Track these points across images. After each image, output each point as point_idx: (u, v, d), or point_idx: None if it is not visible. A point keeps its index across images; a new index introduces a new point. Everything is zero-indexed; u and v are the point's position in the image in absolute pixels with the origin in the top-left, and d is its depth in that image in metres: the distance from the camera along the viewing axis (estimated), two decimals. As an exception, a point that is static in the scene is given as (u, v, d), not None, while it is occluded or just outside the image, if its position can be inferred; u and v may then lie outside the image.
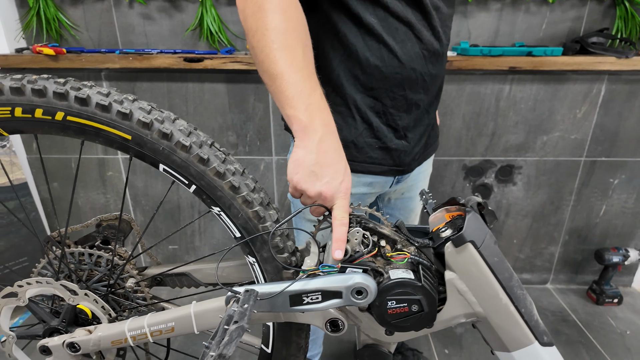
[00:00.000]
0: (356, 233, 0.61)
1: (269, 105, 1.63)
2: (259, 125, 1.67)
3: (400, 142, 0.87)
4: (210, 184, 0.60)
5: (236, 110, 1.65)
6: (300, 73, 0.57)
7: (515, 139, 1.74)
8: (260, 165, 1.75)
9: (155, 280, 0.78)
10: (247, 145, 1.71)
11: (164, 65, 1.51)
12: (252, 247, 0.64)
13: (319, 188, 0.57)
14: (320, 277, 0.59)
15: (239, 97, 1.62)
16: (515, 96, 1.66)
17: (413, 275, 0.62)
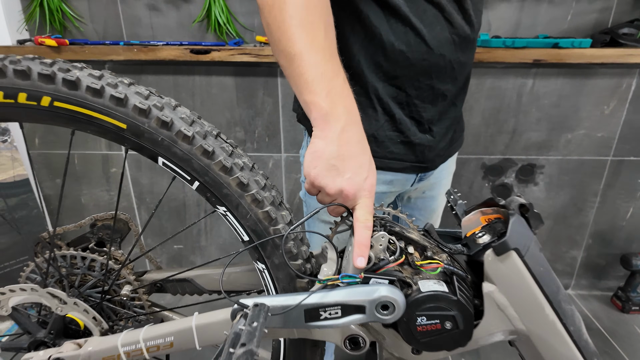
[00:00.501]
0: (381, 238, 0.53)
1: (278, 100, 1.56)
2: (268, 121, 1.60)
3: (425, 136, 0.80)
4: (215, 180, 0.53)
5: (244, 105, 1.58)
6: (321, 54, 0.50)
7: (537, 136, 1.65)
8: (268, 162, 1.68)
9: (155, 286, 0.71)
10: (256, 142, 1.64)
11: (170, 57, 1.44)
12: (261, 252, 0.56)
13: (340, 184, 0.50)
14: (340, 289, 0.52)
15: (247, 92, 1.55)
16: (538, 91, 1.57)
17: (447, 287, 0.54)
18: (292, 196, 1.76)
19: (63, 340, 0.59)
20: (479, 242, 0.58)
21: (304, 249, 0.58)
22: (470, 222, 0.64)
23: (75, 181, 1.72)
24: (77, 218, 1.75)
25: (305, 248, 0.58)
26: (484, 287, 0.56)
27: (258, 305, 0.47)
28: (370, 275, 0.52)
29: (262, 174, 0.57)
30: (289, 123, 1.60)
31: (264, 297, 0.51)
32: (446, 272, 0.56)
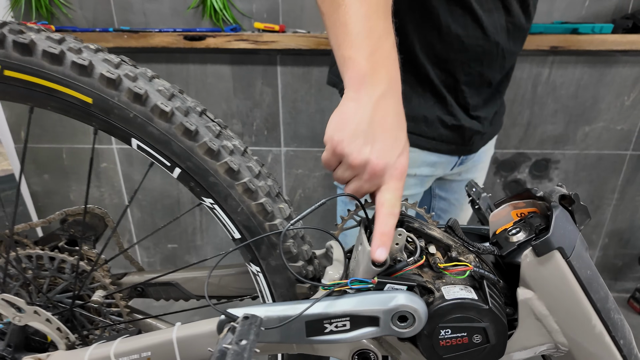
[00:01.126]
0: (397, 236, 0.45)
1: (277, 90, 1.47)
2: (267, 113, 1.51)
3: (472, 121, 0.79)
4: (199, 167, 0.44)
5: (242, 95, 1.49)
6: (374, 7, 0.43)
7: (553, 129, 1.56)
8: (267, 157, 1.59)
9: (136, 291, 0.62)
10: (254, 135, 1.55)
11: (162, 44, 1.35)
12: (255, 252, 0.48)
13: (366, 154, 0.42)
14: (348, 297, 0.43)
15: (245, 81, 1.46)
16: (555, 81, 1.48)
17: (475, 294, 0.45)
18: (292, 193, 1.67)
19: (23, 355, 0.51)
20: (512, 241, 0.49)
21: (305, 248, 0.49)
22: (500, 218, 0.55)
23: (63, 177, 1.64)
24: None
25: (307, 247, 0.50)
26: (520, 294, 0.47)
27: (249, 318, 0.38)
28: (385, 280, 0.43)
29: (257, 160, 0.49)
30: (289, 115, 1.51)
31: (257, 306, 0.42)
32: (474, 276, 0.47)
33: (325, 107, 1.49)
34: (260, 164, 0.49)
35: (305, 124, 1.52)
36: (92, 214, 0.60)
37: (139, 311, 0.68)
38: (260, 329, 0.37)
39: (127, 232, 1.74)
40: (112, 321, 0.60)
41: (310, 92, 1.47)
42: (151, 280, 0.61)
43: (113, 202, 1.67)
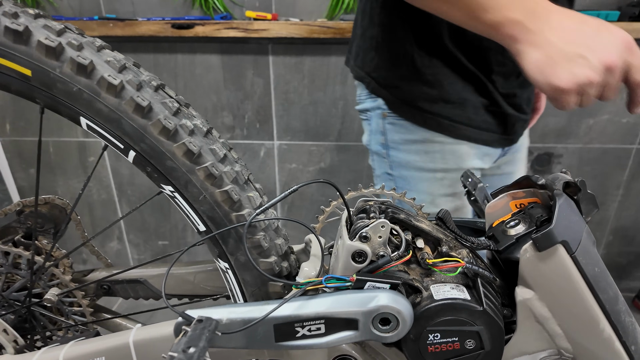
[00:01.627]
0: (380, 228, 0.39)
1: (269, 81, 1.42)
2: (259, 105, 1.46)
3: (511, 107, 0.75)
4: (155, 149, 0.39)
5: (232, 87, 1.44)
6: None
7: (555, 122, 1.50)
8: (259, 151, 1.54)
9: (102, 289, 0.57)
10: (245, 128, 1.50)
11: (149, 33, 1.30)
12: (222, 246, 0.42)
13: (600, 57, 0.44)
14: (323, 297, 0.38)
15: (235, 71, 1.41)
16: (557, 72, 1.41)
17: (468, 293, 0.40)
18: (285, 189, 1.61)
19: (-32, 360, 0.46)
20: (510, 234, 0.44)
21: (279, 242, 0.44)
22: (496, 209, 0.50)
23: (49, 171, 1.59)
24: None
25: (281, 241, 0.44)
26: (518, 293, 0.42)
27: (202, 321, 0.33)
28: (365, 278, 0.38)
29: (223, 143, 0.43)
30: (282, 107, 1.46)
31: (218, 307, 0.37)
32: (467, 274, 0.42)
33: (318, 99, 1.44)
34: (227, 147, 0.43)
35: (298, 116, 1.47)
36: (52, 204, 0.55)
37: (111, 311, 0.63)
38: (215, 333, 0.32)
39: (117, 228, 1.69)
40: (74, 322, 0.55)
41: (303, 82, 1.41)
42: (117, 278, 0.56)
43: (101, 198, 1.62)
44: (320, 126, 1.49)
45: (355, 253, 0.39)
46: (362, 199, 0.46)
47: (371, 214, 0.41)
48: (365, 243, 0.39)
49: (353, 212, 0.44)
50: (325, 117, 1.47)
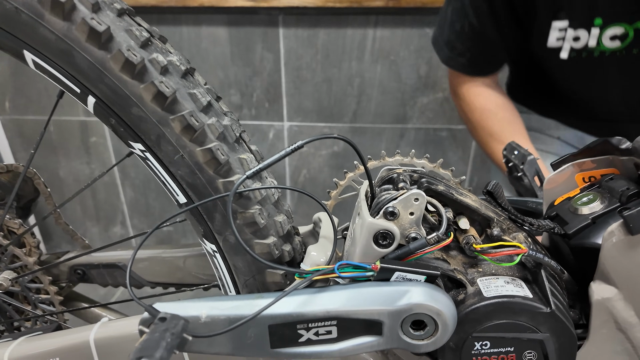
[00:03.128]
0: (413, 201, 0.29)
1: (280, 56, 1.32)
2: (268, 82, 1.36)
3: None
4: (116, 91, 0.29)
5: (240, 62, 1.34)
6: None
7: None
8: (268, 132, 1.45)
9: (76, 274, 0.49)
10: (254, 108, 1.40)
11: (152, 3, 1.21)
12: (208, 223, 0.33)
13: None
14: (336, 290, 0.28)
15: (243, 45, 1.31)
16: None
17: (529, 289, 0.30)
18: (296, 174, 1.52)
19: None
20: (583, 213, 0.33)
21: (280, 219, 0.34)
22: (558, 184, 0.39)
23: (51, 152, 1.53)
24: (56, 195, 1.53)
25: (282, 218, 0.35)
26: (595, 291, 0.31)
27: (165, 321, 0.23)
28: (393, 267, 0.28)
29: (208, 89, 0.34)
30: (293, 85, 1.36)
31: (196, 301, 0.28)
32: (527, 264, 0.32)
33: (332, 75, 1.33)
34: (213, 95, 0.34)
35: (311, 95, 1.37)
36: (15, 173, 0.47)
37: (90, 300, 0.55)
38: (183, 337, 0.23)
39: (120, 212, 1.63)
40: (43, 311, 0.47)
41: (316, 58, 1.31)
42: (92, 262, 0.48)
43: (104, 180, 1.56)
44: (334, 106, 1.38)
45: (378, 234, 0.29)
46: (385, 167, 0.36)
47: (400, 184, 0.32)
48: (392, 221, 0.30)
49: (376, 182, 0.35)
50: (339, 96, 1.37)
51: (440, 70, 1.29)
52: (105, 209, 1.64)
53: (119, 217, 1.63)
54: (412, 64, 1.30)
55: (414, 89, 1.34)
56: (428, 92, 1.35)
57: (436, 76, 1.30)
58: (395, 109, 1.37)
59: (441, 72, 1.30)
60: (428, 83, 1.33)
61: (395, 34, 1.27)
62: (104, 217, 1.70)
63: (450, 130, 1.39)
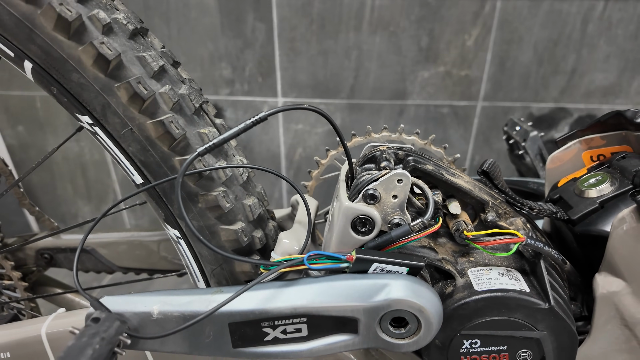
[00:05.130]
0: (396, 182, 0.26)
1: (273, 26, 1.25)
2: (261, 55, 1.30)
3: None
4: (51, 54, 0.25)
5: (230, 33, 1.28)
6: None
7: (603, 78, 1.30)
8: (262, 109, 1.39)
9: (43, 258, 0.46)
10: (246, 83, 1.35)
11: (137, -31, 1.14)
12: (168, 207, 0.29)
13: None
14: (306, 283, 0.25)
15: (233, 15, 1.24)
16: (610, 17, 1.21)
17: (525, 282, 0.27)
18: (291, 152, 1.48)
19: None
20: (590, 196, 0.30)
21: (249, 202, 0.31)
22: (562, 162, 0.35)
23: (39, 129, 1.49)
24: (44, 174, 1.48)
25: (252, 201, 0.31)
26: (600, 284, 0.28)
27: (98, 321, 0.20)
28: (371, 257, 0.25)
29: (164, 52, 0.29)
30: (287, 58, 1.30)
31: (147, 295, 0.25)
32: (524, 253, 0.28)
33: (328, 48, 1.27)
34: (169, 59, 0.29)
35: (306, 68, 1.31)
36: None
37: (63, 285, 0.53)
38: (116, 340, 0.20)
39: (111, 190, 1.60)
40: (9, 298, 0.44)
41: (311, 28, 1.24)
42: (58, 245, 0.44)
43: (94, 158, 1.52)
44: (331, 80, 1.33)
45: (356, 220, 0.26)
46: (370, 144, 0.32)
47: (382, 163, 0.28)
48: (373, 205, 0.26)
49: (357, 162, 0.31)
50: (336, 70, 1.31)
51: (442, 42, 1.22)
52: (96, 188, 1.60)
53: (110, 196, 1.60)
54: (413, 35, 1.23)
55: (415, 62, 1.27)
56: (429, 65, 1.28)
57: (438, 48, 1.24)
58: (394, 84, 1.31)
59: (443, 45, 1.23)
60: (429, 56, 1.26)
61: (395, 2, 1.20)
62: (95, 195, 1.67)
63: (452, 106, 1.34)
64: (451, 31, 1.25)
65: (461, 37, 1.26)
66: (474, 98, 1.37)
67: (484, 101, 1.38)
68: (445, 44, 1.25)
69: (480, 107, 1.40)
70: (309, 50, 1.27)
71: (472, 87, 1.35)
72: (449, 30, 1.26)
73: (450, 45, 1.30)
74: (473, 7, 1.24)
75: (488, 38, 1.29)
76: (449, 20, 1.24)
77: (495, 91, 1.37)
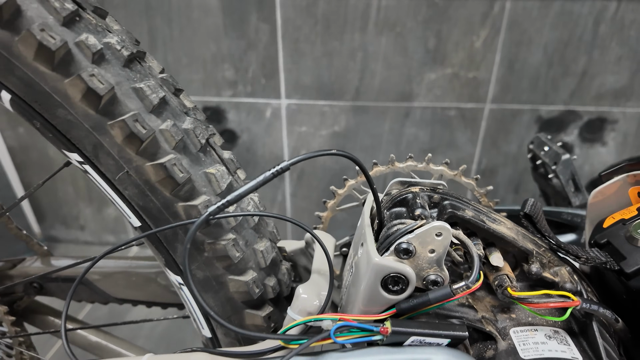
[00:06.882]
0: (435, 236, 0.22)
1: (276, 27, 1.21)
2: (264, 56, 1.26)
3: None
4: (34, 87, 0.22)
5: (233, 34, 1.24)
6: None
7: (614, 81, 1.27)
8: (265, 111, 1.36)
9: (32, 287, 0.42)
10: (249, 84, 1.31)
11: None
12: (170, 253, 0.26)
13: None
14: (335, 357, 0.21)
15: (236, 15, 1.20)
16: (623, 18, 1.18)
17: (577, 349, 0.23)
18: (294, 154, 1.44)
19: None
20: (647, 245, 0.26)
21: (261, 247, 0.27)
22: (605, 197, 0.32)
23: (35, 129, 1.45)
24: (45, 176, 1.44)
25: (265, 246, 0.28)
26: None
27: None
28: (409, 331, 0.21)
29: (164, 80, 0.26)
30: (291, 59, 1.26)
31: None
32: (578, 317, 0.25)
33: (333, 49, 1.23)
34: (171, 87, 0.26)
35: (310, 70, 1.27)
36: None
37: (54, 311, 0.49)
38: None
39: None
40: None
41: (316, 29, 1.20)
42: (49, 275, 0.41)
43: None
44: (335, 82, 1.29)
45: (388, 277, 0.22)
46: (396, 180, 0.29)
47: (417, 210, 0.24)
48: (407, 261, 0.22)
49: (385, 202, 0.27)
50: (341, 72, 1.27)
51: (450, 43, 1.18)
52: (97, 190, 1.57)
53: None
54: (420, 36, 1.19)
55: (421, 64, 1.24)
56: (436, 67, 1.25)
57: (445, 50, 1.20)
58: (400, 86, 1.28)
59: (451, 46, 1.20)
60: (437, 57, 1.23)
61: (402, 2, 1.16)
62: (96, 197, 1.63)
63: (459, 109, 1.30)
64: (459, 32, 1.22)
65: (469, 38, 1.22)
66: (482, 100, 1.33)
67: (492, 103, 1.35)
68: (452, 45, 1.21)
69: (488, 110, 1.36)
70: (314, 52, 1.23)
71: (480, 89, 1.32)
72: (456, 31, 1.22)
73: (458, 46, 1.26)
74: (482, 7, 1.20)
75: (497, 39, 1.25)
76: (456, 21, 1.20)
77: (504, 93, 1.34)
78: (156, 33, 1.30)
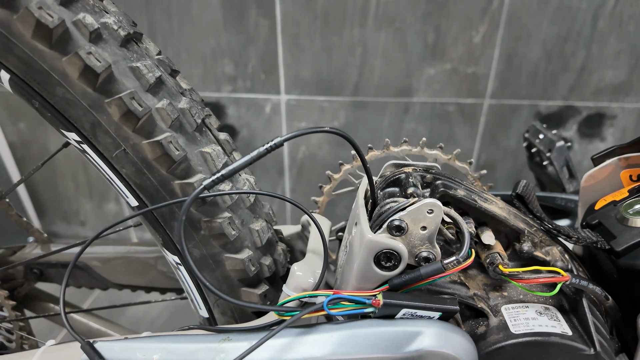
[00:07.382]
0: (426, 213, 0.22)
1: (276, 22, 1.21)
2: (264, 51, 1.26)
3: None
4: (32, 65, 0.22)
5: (233, 29, 1.24)
6: None
7: (613, 76, 1.27)
8: (265, 106, 1.36)
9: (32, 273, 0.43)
10: (249, 79, 1.31)
11: (134, -38, 1.10)
12: (166, 232, 0.26)
13: None
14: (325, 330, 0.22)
15: (236, 10, 1.21)
16: (622, 13, 1.18)
17: (566, 323, 0.24)
18: (294, 150, 1.45)
19: None
20: (636, 226, 0.27)
21: (257, 226, 0.28)
22: (597, 181, 0.32)
23: (39, 124, 1.45)
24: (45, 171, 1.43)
25: (260, 225, 0.28)
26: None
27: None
28: (400, 303, 0.22)
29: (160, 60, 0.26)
30: (290, 54, 1.26)
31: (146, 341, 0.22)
32: (568, 293, 0.25)
33: (333, 44, 1.23)
34: (167, 68, 0.26)
35: (309, 65, 1.27)
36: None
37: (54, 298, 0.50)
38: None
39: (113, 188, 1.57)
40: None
41: (315, 24, 1.20)
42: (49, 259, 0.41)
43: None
44: (335, 78, 1.29)
45: (380, 254, 0.23)
46: (390, 162, 0.29)
47: (409, 189, 0.25)
48: (399, 237, 0.23)
49: (377, 183, 0.28)
50: (340, 67, 1.27)
51: (449, 38, 1.19)
52: (97, 185, 1.57)
53: (112, 194, 1.57)
54: (419, 32, 1.19)
55: (421, 59, 1.24)
56: (435, 62, 1.25)
57: (444, 45, 1.20)
58: (399, 81, 1.28)
59: (450, 41, 1.20)
60: (436, 52, 1.23)
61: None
62: (97, 193, 1.64)
63: (459, 104, 1.30)
64: (458, 27, 1.22)
65: (468, 33, 1.22)
66: (481, 95, 1.33)
67: (491, 99, 1.35)
68: (452, 40, 1.21)
69: (487, 105, 1.37)
70: (313, 47, 1.23)
71: (479, 85, 1.32)
72: (455, 26, 1.22)
73: (457, 41, 1.26)
74: (481, 2, 1.20)
75: (496, 34, 1.25)
76: (455, 16, 1.20)
77: (503, 88, 1.34)
78: (156, 28, 1.30)
